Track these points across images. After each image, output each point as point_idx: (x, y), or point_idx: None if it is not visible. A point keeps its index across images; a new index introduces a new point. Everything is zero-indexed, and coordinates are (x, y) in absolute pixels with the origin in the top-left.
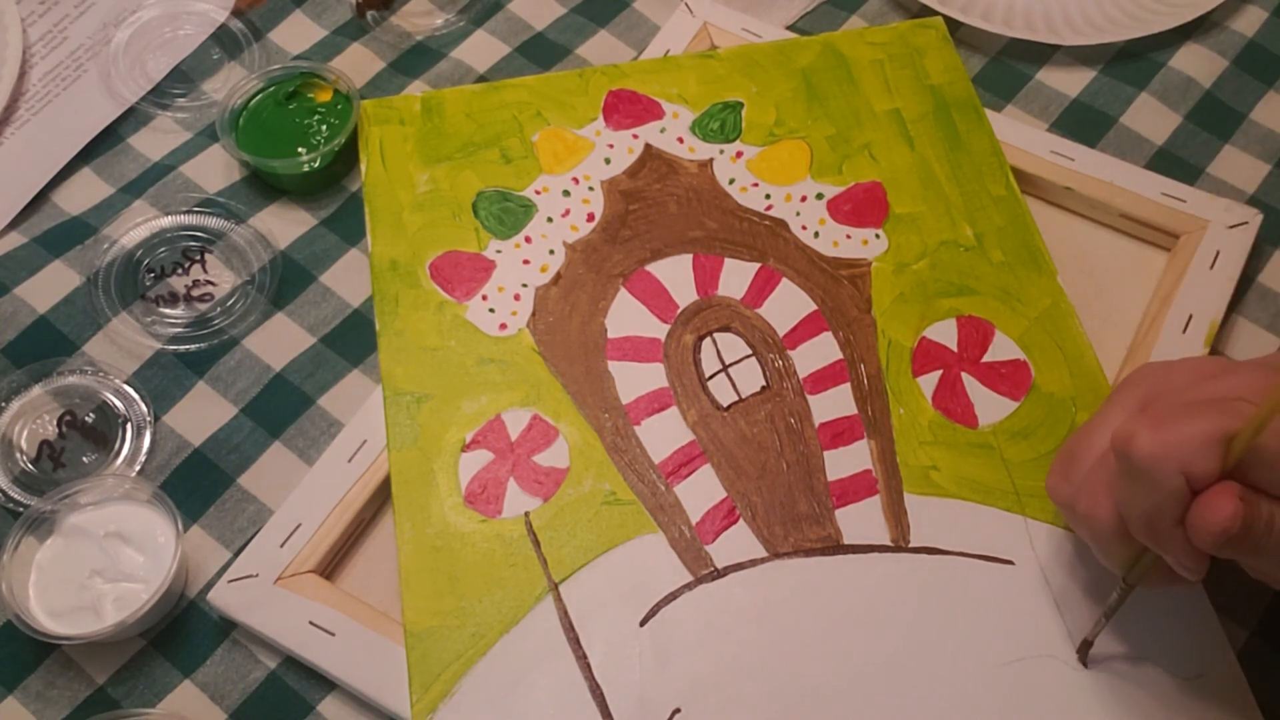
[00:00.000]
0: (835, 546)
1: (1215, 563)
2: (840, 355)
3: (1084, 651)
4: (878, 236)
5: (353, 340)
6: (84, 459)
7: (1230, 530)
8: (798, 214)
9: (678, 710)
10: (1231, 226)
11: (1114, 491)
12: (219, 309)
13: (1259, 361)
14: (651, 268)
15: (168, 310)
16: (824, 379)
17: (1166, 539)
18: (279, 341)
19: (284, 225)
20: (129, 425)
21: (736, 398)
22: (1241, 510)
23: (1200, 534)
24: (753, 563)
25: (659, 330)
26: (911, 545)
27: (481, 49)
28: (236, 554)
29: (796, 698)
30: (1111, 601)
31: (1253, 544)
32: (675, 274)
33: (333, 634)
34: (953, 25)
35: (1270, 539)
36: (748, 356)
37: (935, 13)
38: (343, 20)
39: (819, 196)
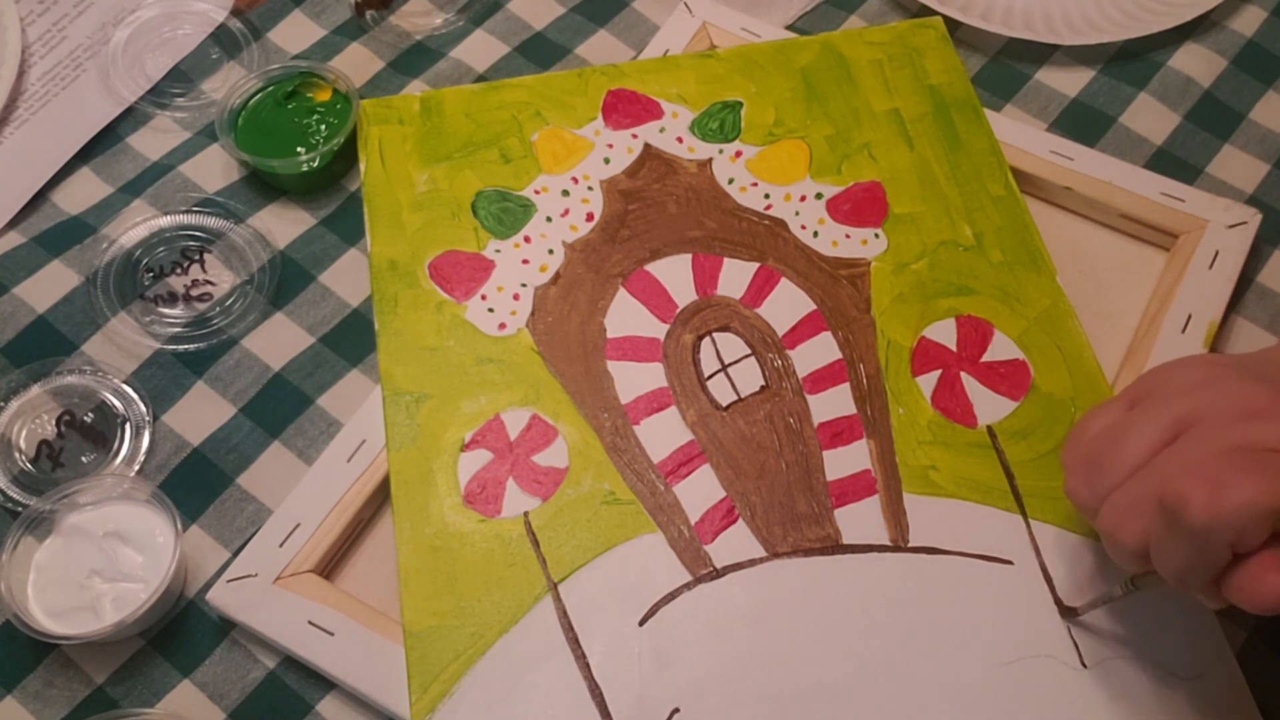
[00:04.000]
0: (834, 546)
1: None
2: (839, 355)
3: (1069, 615)
4: (877, 236)
5: (352, 340)
6: (83, 459)
7: (1276, 606)
8: (797, 214)
9: (677, 710)
10: (1230, 226)
11: (1145, 522)
12: (218, 309)
13: None
14: (651, 267)
15: (167, 310)
16: (823, 379)
17: (1196, 589)
18: (278, 341)
19: (283, 225)
20: (128, 425)
21: (735, 397)
22: None
23: (1247, 603)
24: (752, 563)
25: (658, 330)
26: (911, 545)
27: (481, 49)
28: (235, 554)
29: (795, 697)
30: (1114, 593)
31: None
32: (674, 274)
33: (332, 634)
34: (952, 25)
35: None
36: (747, 356)
37: (935, 13)
38: (342, 20)
39: (818, 196)
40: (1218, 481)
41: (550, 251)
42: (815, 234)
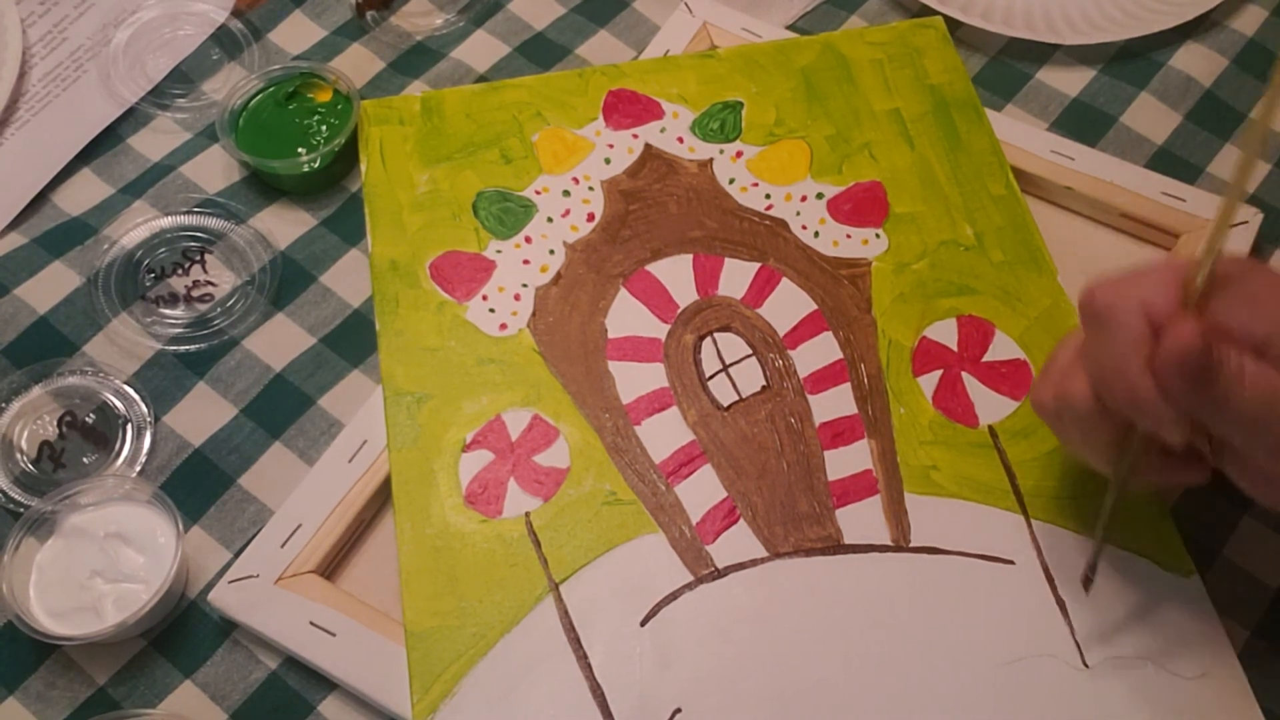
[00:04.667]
0: (835, 546)
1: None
2: (840, 355)
3: (1088, 580)
4: (878, 236)
5: (353, 340)
6: (84, 459)
7: (1192, 348)
8: (798, 214)
9: (678, 710)
10: (1231, 226)
11: (1086, 362)
12: (219, 309)
13: None
14: (651, 268)
15: (168, 311)
16: (824, 379)
17: (1139, 391)
18: (279, 342)
19: (284, 225)
20: (129, 426)
21: (737, 397)
22: (1199, 332)
23: (1164, 364)
24: (753, 563)
25: (659, 330)
26: (912, 545)
27: (481, 49)
28: (237, 554)
29: (797, 697)
30: (1105, 509)
31: (1225, 389)
32: (675, 274)
33: (333, 634)
34: (952, 25)
35: (1243, 389)
36: (748, 356)
37: (935, 12)
38: (342, 20)
39: (819, 196)
40: (1124, 276)
41: (551, 252)
42: (816, 234)
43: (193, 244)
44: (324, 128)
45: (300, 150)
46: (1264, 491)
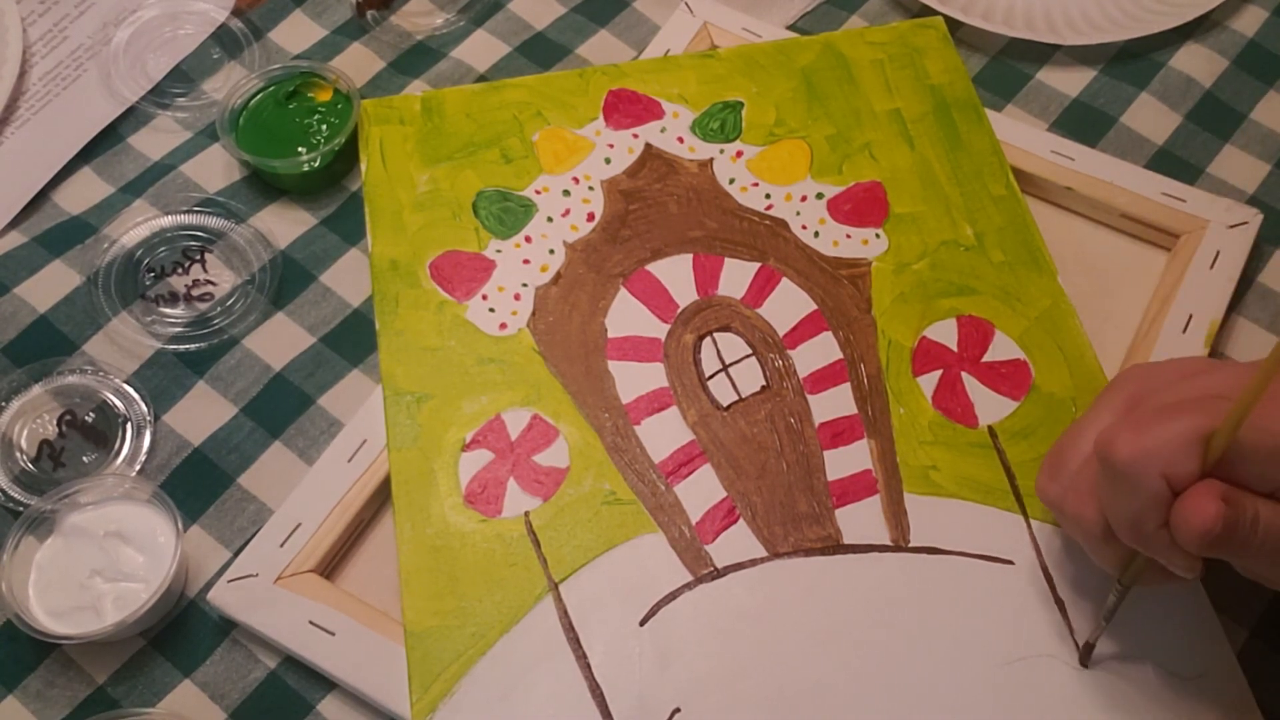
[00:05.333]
0: (835, 546)
1: (1212, 563)
2: (840, 355)
3: (1086, 654)
4: (878, 236)
5: (353, 340)
6: (84, 458)
7: (1213, 531)
8: (798, 214)
9: (677, 710)
10: (1231, 226)
11: (1100, 495)
12: (219, 309)
13: (1247, 363)
14: (651, 267)
15: (168, 310)
16: (824, 379)
17: (1152, 542)
18: (279, 341)
19: (284, 225)
20: (129, 425)
21: (736, 397)
22: (1223, 510)
23: (1184, 536)
24: (753, 562)
25: (659, 330)
26: (911, 545)
27: (481, 49)
28: (236, 554)
29: (796, 697)
30: (1110, 603)
31: (1239, 543)
32: (675, 274)
33: (333, 634)
34: (953, 25)
35: (1256, 537)
36: (748, 356)
37: (935, 12)
38: (343, 20)
39: (819, 196)
40: (1143, 423)
41: (551, 251)
42: (816, 234)
43: (193, 243)
44: (324, 127)
45: (300, 150)
46: (1273, 584)
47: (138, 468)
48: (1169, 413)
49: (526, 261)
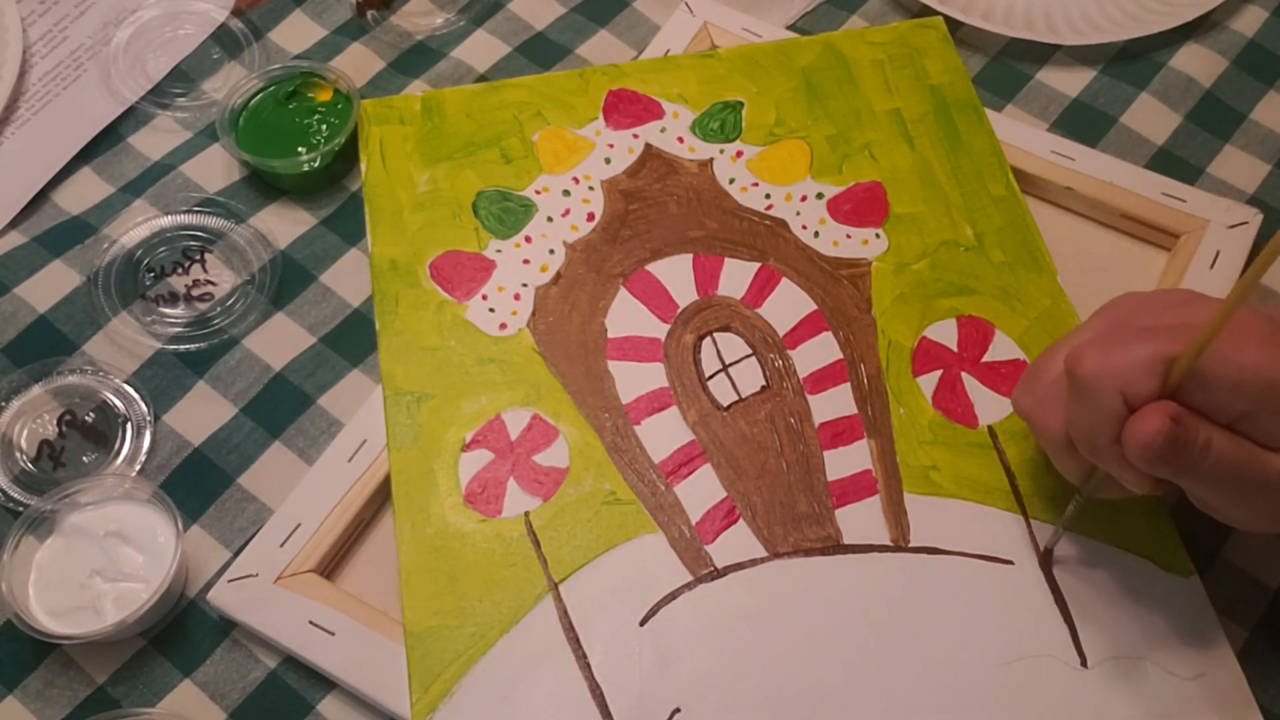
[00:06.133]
0: (835, 546)
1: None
2: (840, 355)
3: (1047, 560)
4: (878, 236)
5: (353, 340)
6: (84, 458)
7: (1154, 444)
8: (798, 214)
9: (677, 710)
10: (1231, 226)
11: (1065, 405)
12: (219, 308)
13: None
14: (651, 267)
15: (168, 310)
16: (824, 379)
17: (1105, 455)
18: (279, 341)
19: (284, 225)
20: (129, 425)
21: (736, 397)
22: (1168, 427)
23: (1130, 449)
24: (752, 562)
25: (659, 330)
26: (911, 545)
27: (481, 49)
28: (236, 554)
29: (796, 697)
30: (1068, 512)
31: (1187, 464)
32: (675, 274)
33: (332, 634)
34: (953, 25)
35: (1206, 462)
36: (748, 356)
37: (935, 13)
38: (343, 20)
39: (819, 196)
40: (1112, 343)
41: (551, 251)
42: (816, 234)
43: (193, 243)
44: (324, 127)
45: (300, 150)
46: (1227, 519)
47: (138, 468)
48: (1138, 335)
49: (526, 261)
